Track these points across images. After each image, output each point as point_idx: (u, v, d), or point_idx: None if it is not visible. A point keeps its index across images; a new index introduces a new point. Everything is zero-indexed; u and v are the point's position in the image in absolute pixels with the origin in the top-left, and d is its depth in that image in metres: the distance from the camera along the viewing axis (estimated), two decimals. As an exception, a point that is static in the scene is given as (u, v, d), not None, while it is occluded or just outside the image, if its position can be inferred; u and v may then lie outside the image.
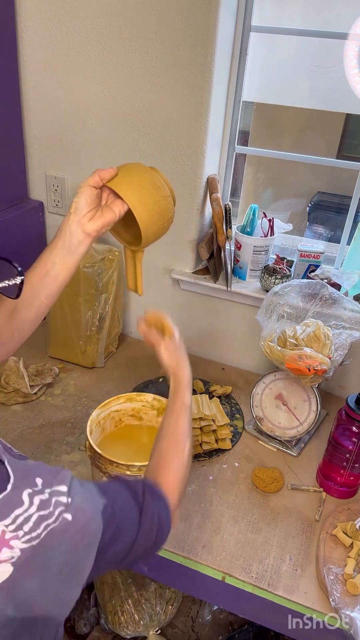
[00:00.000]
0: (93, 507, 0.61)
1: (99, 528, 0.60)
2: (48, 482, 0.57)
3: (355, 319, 1.23)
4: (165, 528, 0.71)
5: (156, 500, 0.71)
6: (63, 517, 0.55)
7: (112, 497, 0.65)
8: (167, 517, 0.72)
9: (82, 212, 0.81)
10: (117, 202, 0.82)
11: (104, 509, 0.62)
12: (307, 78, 1.35)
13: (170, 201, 0.86)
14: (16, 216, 1.51)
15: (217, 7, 1.18)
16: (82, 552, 0.58)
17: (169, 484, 0.75)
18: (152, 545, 0.69)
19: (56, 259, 0.82)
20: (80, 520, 0.57)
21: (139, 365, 1.56)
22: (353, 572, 0.97)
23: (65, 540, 0.56)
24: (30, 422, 1.31)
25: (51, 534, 0.54)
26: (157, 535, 0.70)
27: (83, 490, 0.61)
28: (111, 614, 1.49)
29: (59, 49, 1.37)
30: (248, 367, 1.59)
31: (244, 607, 1.05)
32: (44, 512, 0.55)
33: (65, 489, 0.57)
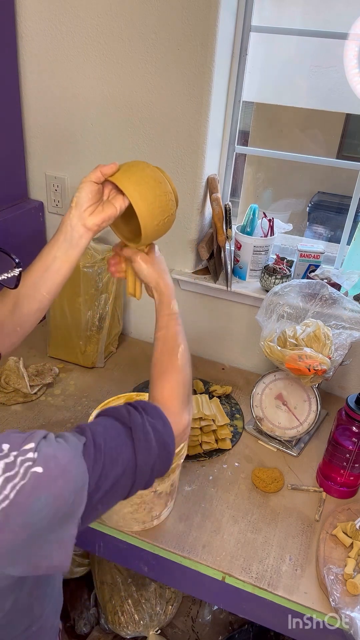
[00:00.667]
0: (69, 451, 0.60)
1: (82, 468, 0.60)
2: (15, 445, 0.57)
3: (355, 319, 1.23)
4: (167, 436, 0.72)
5: (146, 413, 0.72)
6: (32, 472, 0.55)
7: (91, 432, 0.66)
8: (164, 426, 0.73)
9: (83, 207, 0.81)
10: (119, 197, 0.83)
11: (85, 448, 0.63)
12: (307, 78, 1.35)
13: (172, 198, 0.86)
14: (16, 216, 1.51)
15: (217, 7, 1.18)
16: (70, 496, 0.58)
17: (165, 392, 0.77)
18: (158, 456, 0.70)
19: (57, 253, 0.83)
20: (55, 469, 0.57)
21: (139, 365, 1.56)
22: (353, 572, 0.97)
23: (44, 493, 0.55)
24: (30, 422, 1.31)
25: (22, 492, 0.54)
26: (159, 445, 0.70)
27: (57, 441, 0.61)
28: (111, 614, 1.49)
29: (59, 48, 1.37)
30: (248, 367, 1.59)
31: (244, 607, 1.05)
32: (9, 473, 0.54)
33: (33, 446, 0.57)
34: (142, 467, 0.68)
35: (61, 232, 0.83)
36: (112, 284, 1.47)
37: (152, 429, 0.71)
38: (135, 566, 1.14)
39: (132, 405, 0.73)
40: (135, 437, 0.68)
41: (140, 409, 0.73)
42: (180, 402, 0.79)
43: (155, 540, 1.04)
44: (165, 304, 0.89)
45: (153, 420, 0.72)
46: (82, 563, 1.59)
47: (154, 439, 0.70)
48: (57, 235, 0.83)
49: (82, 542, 1.16)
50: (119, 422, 0.70)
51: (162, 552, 1.04)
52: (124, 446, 0.67)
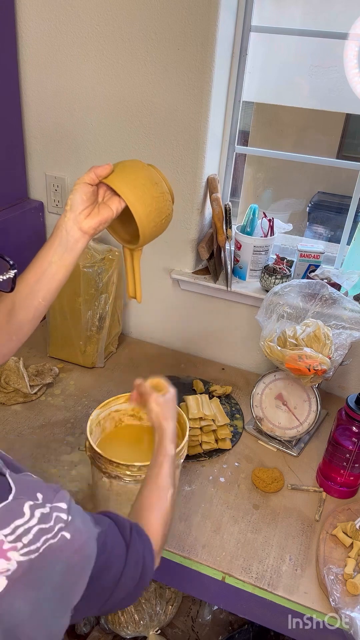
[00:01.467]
0: (89, 531, 0.60)
1: (93, 554, 0.59)
2: (48, 498, 0.56)
3: (355, 319, 1.23)
4: (149, 569, 0.70)
5: (142, 540, 0.71)
6: (62, 534, 0.54)
7: (104, 527, 0.65)
8: (150, 559, 0.71)
9: (78, 210, 0.80)
10: (114, 199, 0.81)
11: (98, 536, 0.61)
12: (307, 78, 1.35)
13: (168, 198, 0.85)
14: (16, 216, 1.51)
15: (217, 7, 1.18)
16: (76, 575, 0.57)
17: (152, 527, 0.75)
18: (135, 585, 0.68)
19: (53, 258, 0.80)
20: (78, 541, 0.56)
21: (139, 365, 1.56)
22: (353, 572, 0.97)
23: (62, 560, 0.54)
24: (30, 422, 1.31)
25: (50, 550, 0.53)
26: (141, 575, 0.68)
27: (80, 513, 0.60)
28: (111, 614, 1.49)
29: (59, 49, 1.37)
30: (248, 367, 1.59)
31: (244, 607, 1.05)
32: (44, 525, 0.53)
33: (65, 507, 0.57)
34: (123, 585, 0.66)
35: (56, 236, 0.81)
36: (112, 284, 1.47)
37: (142, 562, 0.69)
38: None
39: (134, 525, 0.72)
40: (129, 558, 0.67)
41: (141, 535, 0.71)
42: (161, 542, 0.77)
43: (155, 540, 1.04)
44: (163, 444, 0.88)
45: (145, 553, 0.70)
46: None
47: (140, 572, 0.68)
48: (52, 239, 0.81)
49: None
50: (120, 534, 0.68)
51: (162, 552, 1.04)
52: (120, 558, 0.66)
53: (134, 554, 0.67)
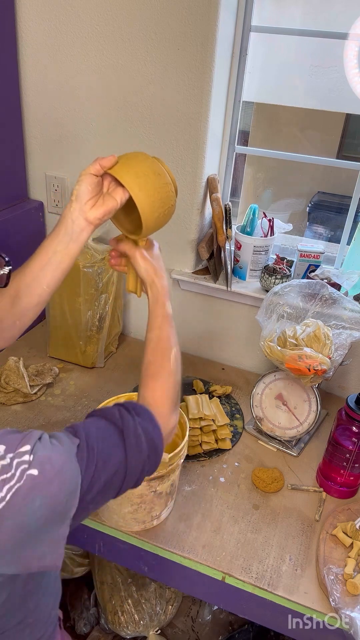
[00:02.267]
0: (63, 453, 0.61)
1: (76, 471, 0.61)
2: (12, 447, 0.58)
3: (355, 319, 1.23)
4: (156, 438, 0.73)
5: (137, 415, 0.73)
6: (27, 474, 0.56)
7: (84, 433, 0.66)
8: (154, 428, 0.73)
9: (84, 200, 0.81)
10: (119, 189, 0.82)
11: (78, 449, 0.64)
12: (307, 78, 1.35)
13: (172, 189, 0.85)
14: (16, 216, 1.51)
15: (217, 7, 1.18)
16: (64, 498, 0.59)
17: (157, 393, 0.77)
18: (147, 457, 0.71)
19: (58, 247, 0.82)
20: (50, 471, 0.58)
21: (138, 365, 1.55)
22: (353, 572, 0.97)
23: (39, 495, 0.56)
24: (30, 422, 1.31)
25: (17, 494, 0.55)
26: (149, 447, 0.71)
27: (51, 442, 0.62)
28: (111, 614, 1.49)
29: (59, 49, 1.37)
30: (248, 367, 1.59)
31: (244, 607, 1.05)
32: (5, 475, 0.55)
33: (29, 448, 0.58)
34: (133, 468, 0.69)
35: (62, 225, 0.82)
36: (112, 284, 1.47)
37: (143, 432, 0.71)
38: (135, 566, 1.14)
39: (123, 406, 0.74)
40: (127, 439, 0.69)
41: (132, 411, 0.73)
42: (170, 405, 0.80)
43: (155, 540, 1.04)
44: (159, 303, 0.88)
45: (144, 423, 0.73)
46: (82, 563, 1.59)
47: (145, 441, 0.71)
48: (58, 229, 0.82)
49: (82, 542, 1.16)
50: (111, 424, 0.70)
51: (162, 552, 1.04)
52: (116, 448, 0.68)
53: (131, 434, 0.70)
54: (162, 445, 0.75)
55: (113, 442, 0.68)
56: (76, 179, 0.83)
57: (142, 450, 0.70)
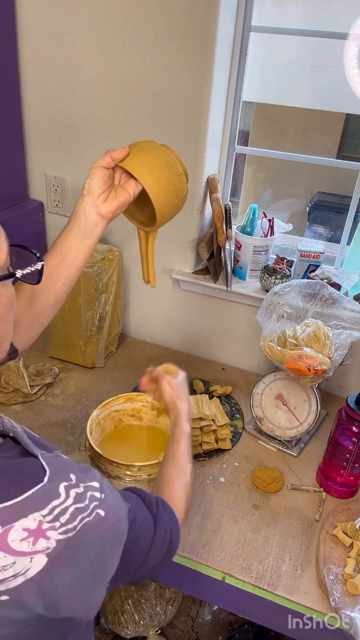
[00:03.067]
0: (121, 508, 0.62)
1: (125, 528, 0.62)
2: (81, 478, 0.58)
3: (355, 319, 1.23)
4: (175, 542, 0.73)
5: (168, 513, 0.73)
6: (97, 512, 0.56)
7: (133, 504, 0.67)
8: (176, 530, 0.74)
9: (96, 194, 0.80)
10: (131, 182, 0.81)
11: (129, 512, 0.64)
12: (307, 78, 1.35)
13: (184, 179, 0.84)
14: (16, 216, 1.51)
15: (217, 7, 1.18)
16: (110, 549, 0.59)
17: (174, 500, 0.78)
18: (163, 558, 0.71)
19: (72, 243, 0.81)
20: (111, 518, 0.58)
21: (139, 365, 1.56)
22: (353, 572, 0.97)
23: (98, 535, 0.56)
24: (30, 422, 1.31)
25: (85, 527, 0.55)
26: (168, 548, 0.71)
27: (112, 491, 0.62)
28: (111, 614, 1.49)
29: (59, 49, 1.37)
30: (248, 367, 1.59)
31: (244, 607, 1.05)
32: (80, 504, 0.55)
33: (98, 485, 0.58)
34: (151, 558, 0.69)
35: (75, 221, 0.81)
36: (112, 284, 1.47)
37: (169, 535, 0.71)
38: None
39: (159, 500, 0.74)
40: (157, 531, 0.69)
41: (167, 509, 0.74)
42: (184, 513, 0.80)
43: (155, 540, 1.04)
44: (179, 423, 0.92)
45: (172, 524, 0.73)
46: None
47: (167, 545, 0.71)
48: (71, 225, 0.81)
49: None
50: (148, 510, 0.71)
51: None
52: (148, 533, 0.68)
53: (162, 526, 0.70)
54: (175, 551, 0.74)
55: (147, 528, 0.69)
56: (76, 178, 0.83)
57: (164, 547, 0.71)
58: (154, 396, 1.04)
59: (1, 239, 0.59)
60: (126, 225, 0.95)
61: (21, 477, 0.55)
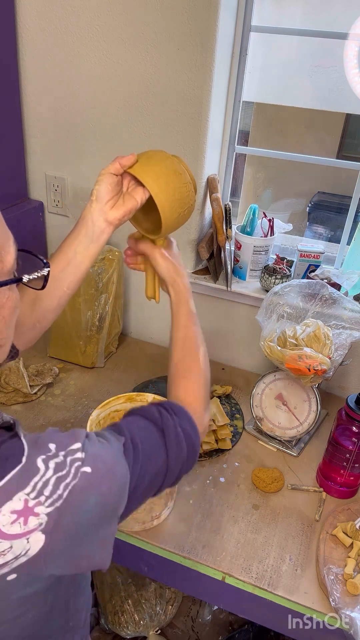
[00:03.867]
0: (112, 451, 0.62)
1: (125, 469, 0.61)
2: (62, 445, 0.57)
3: (355, 319, 1.23)
4: (194, 437, 0.73)
5: (176, 415, 0.73)
6: (81, 471, 0.56)
7: (128, 432, 0.66)
8: (192, 427, 0.73)
9: (104, 200, 0.80)
10: (138, 189, 0.82)
11: (125, 448, 0.63)
12: (307, 78, 1.35)
13: (191, 188, 0.85)
14: (16, 216, 1.51)
15: (217, 7, 1.18)
16: (115, 496, 0.59)
17: (189, 393, 0.77)
18: (187, 457, 0.71)
19: (78, 248, 0.82)
20: (102, 468, 0.58)
21: (139, 365, 1.56)
22: (353, 572, 0.97)
23: (92, 493, 0.56)
24: (30, 422, 1.31)
25: (74, 491, 0.55)
26: (188, 447, 0.71)
27: (99, 440, 0.62)
28: (111, 614, 1.49)
29: (59, 49, 1.37)
30: (248, 367, 1.59)
31: (244, 607, 1.05)
32: (60, 473, 0.55)
33: (79, 445, 0.58)
34: (173, 467, 0.70)
35: (82, 226, 0.82)
36: (112, 284, 1.47)
37: (182, 431, 0.71)
38: (135, 566, 1.14)
39: (162, 406, 0.74)
40: (168, 439, 0.69)
41: (171, 411, 0.73)
42: (203, 404, 0.79)
43: (155, 540, 1.04)
44: (183, 302, 0.88)
45: (183, 423, 0.73)
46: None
47: (184, 441, 0.71)
48: (78, 230, 0.82)
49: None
50: (151, 423, 0.70)
51: (162, 552, 1.04)
52: (158, 447, 0.68)
53: (172, 434, 0.70)
54: (199, 444, 0.75)
55: (155, 442, 0.68)
56: (76, 179, 0.83)
57: (182, 450, 0.71)
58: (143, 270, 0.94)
59: (10, 243, 0.60)
60: (126, 226, 0.95)
61: (4, 462, 0.55)
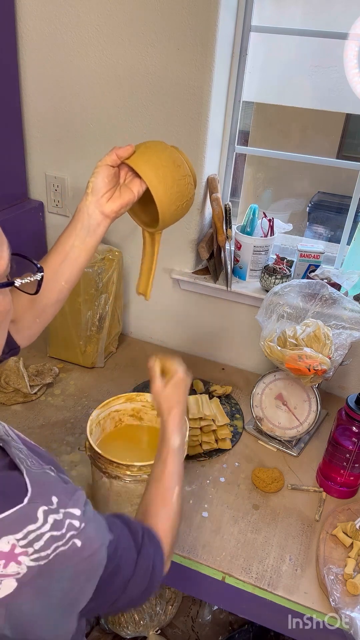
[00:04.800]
0: (101, 539, 0.59)
1: (103, 562, 0.58)
2: (63, 503, 0.55)
3: (355, 319, 1.23)
4: (158, 574, 0.69)
5: (153, 544, 0.70)
6: (73, 542, 0.54)
7: (117, 534, 0.64)
8: (160, 563, 0.70)
9: (100, 193, 0.79)
10: (136, 181, 0.81)
11: (110, 544, 0.60)
12: (307, 78, 1.35)
13: (190, 181, 0.83)
14: (16, 216, 1.51)
15: (217, 7, 1.18)
16: (84, 582, 0.56)
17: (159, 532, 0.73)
18: (144, 590, 0.67)
19: (75, 242, 0.81)
20: (88, 550, 0.55)
21: (139, 365, 1.56)
22: (353, 572, 0.97)
23: (71, 567, 0.54)
24: (30, 422, 1.31)
25: (59, 557, 0.52)
26: (150, 580, 0.68)
27: (94, 519, 0.59)
28: (112, 614, 1.49)
29: (59, 49, 1.37)
30: (248, 367, 1.59)
31: (244, 607, 1.05)
32: (56, 532, 0.53)
33: (79, 513, 0.56)
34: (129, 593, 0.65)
35: (78, 219, 0.81)
36: (112, 284, 1.47)
37: (152, 567, 0.68)
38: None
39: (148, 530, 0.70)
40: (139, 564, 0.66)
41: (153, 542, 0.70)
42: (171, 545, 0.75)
43: (155, 540, 1.04)
44: (166, 438, 0.83)
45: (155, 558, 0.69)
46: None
47: (149, 578, 0.67)
48: (74, 223, 0.81)
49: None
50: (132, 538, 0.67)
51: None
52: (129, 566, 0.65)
53: (145, 559, 0.67)
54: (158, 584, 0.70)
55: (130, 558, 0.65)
56: (76, 178, 0.83)
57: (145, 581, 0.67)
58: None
59: (3, 248, 0.59)
60: (126, 225, 0.95)
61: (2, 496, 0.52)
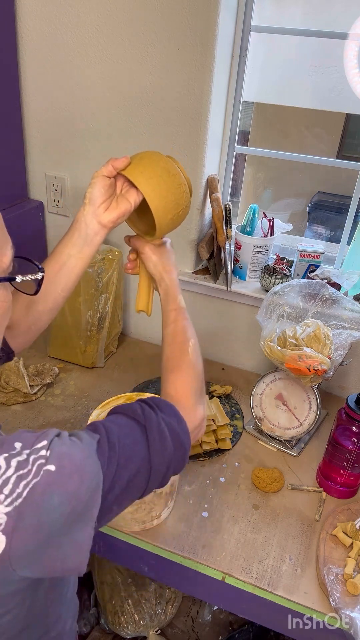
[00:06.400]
0: (83, 449, 0.59)
1: (97, 467, 0.59)
2: (28, 444, 0.56)
3: (355, 319, 1.23)
4: (182, 433, 0.70)
5: (160, 410, 0.70)
6: (44, 469, 0.54)
7: (105, 430, 0.64)
8: (179, 423, 0.71)
9: (97, 203, 0.80)
10: (132, 191, 0.82)
11: (98, 445, 0.61)
12: (307, 78, 1.35)
13: (186, 189, 0.84)
14: (16, 216, 1.51)
15: (217, 7, 1.18)
16: (84, 495, 0.57)
17: (178, 387, 0.75)
18: (173, 455, 0.68)
19: (72, 251, 0.82)
20: (68, 467, 0.56)
21: (139, 365, 1.56)
22: (353, 572, 0.97)
23: (57, 491, 0.54)
24: (30, 422, 1.31)
25: (35, 490, 0.53)
26: (174, 444, 0.68)
27: (71, 439, 0.60)
28: (111, 614, 1.49)
29: (59, 49, 1.37)
30: (248, 367, 1.59)
31: (244, 607, 1.05)
32: (21, 471, 0.53)
33: (45, 443, 0.56)
34: (157, 466, 0.67)
35: (75, 229, 0.82)
36: (112, 284, 1.47)
37: (167, 427, 0.68)
38: (135, 566, 1.14)
39: (145, 402, 0.71)
40: (150, 435, 0.66)
41: (154, 406, 0.71)
42: (193, 398, 0.77)
43: (155, 540, 1.04)
44: (171, 298, 0.88)
45: (168, 418, 0.70)
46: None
47: (170, 437, 0.68)
48: (71, 233, 0.82)
49: (82, 542, 1.16)
50: (132, 420, 0.68)
51: (162, 552, 1.04)
52: (138, 445, 0.65)
53: (154, 430, 0.67)
54: (188, 440, 0.72)
55: (135, 439, 0.65)
56: (76, 178, 0.83)
57: (167, 447, 0.67)
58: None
59: (7, 247, 0.61)
60: (126, 226, 0.95)
61: None
